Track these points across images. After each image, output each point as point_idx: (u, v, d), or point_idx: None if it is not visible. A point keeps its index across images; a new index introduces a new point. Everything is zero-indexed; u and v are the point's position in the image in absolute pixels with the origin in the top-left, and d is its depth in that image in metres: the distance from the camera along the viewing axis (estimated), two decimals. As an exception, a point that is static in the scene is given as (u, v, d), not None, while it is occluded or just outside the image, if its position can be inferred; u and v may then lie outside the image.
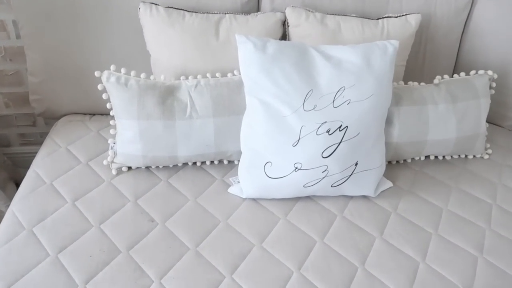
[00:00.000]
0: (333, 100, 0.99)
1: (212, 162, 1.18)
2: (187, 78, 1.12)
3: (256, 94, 1.01)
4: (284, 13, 1.24)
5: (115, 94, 1.05)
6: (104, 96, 1.08)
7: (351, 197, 1.10)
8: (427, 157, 1.25)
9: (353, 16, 1.25)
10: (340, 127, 0.99)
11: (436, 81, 1.21)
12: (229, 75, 1.13)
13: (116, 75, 1.05)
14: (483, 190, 1.15)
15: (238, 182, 1.10)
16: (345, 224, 1.02)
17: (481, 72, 1.23)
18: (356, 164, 1.02)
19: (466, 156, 1.27)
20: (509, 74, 1.38)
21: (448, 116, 1.15)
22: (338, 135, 0.99)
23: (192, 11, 1.19)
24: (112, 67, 1.06)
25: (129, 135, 1.06)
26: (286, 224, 1.01)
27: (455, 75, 1.24)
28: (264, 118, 1.00)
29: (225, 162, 1.18)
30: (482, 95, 1.19)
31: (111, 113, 1.11)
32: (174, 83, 1.10)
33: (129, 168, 1.14)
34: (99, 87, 1.06)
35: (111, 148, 1.13)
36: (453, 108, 1.15)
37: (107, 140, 1.23)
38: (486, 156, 1.27)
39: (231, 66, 1.17)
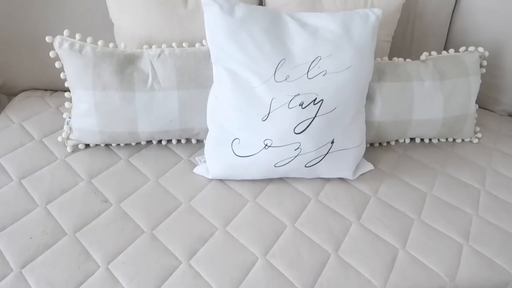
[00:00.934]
0: (308, 71, 0.90)
1: (179, 141, 1.08)
2: (150, 47, 1.02)
3: (223, 62, 0.91)
4: (260, -20, 1.14)
5: (69, 62, 0.95)
6: (57, 64, 0.97)
7: (328, 179, 1.00)
8: (412, 140, 1.16)
9: (335, -14, 1.15)
10: (314, 100, 0.90)
11: (423, 57, 1.12)
12: (197, 45, 1.03)
13: (70, 41, 0.95)
14: (471, 175, 1.07)
15: (204, 161, 1.01)
16: (320, 208, 0.93)
17: (471, 48, 1.14)
18: (333, 142, 0.93)
19: (454, 139, 1.18)
20: (502, 55, 1.29)
21: (435, 93, 1.06)
22: (313, 109, 0.90)
23: (159, -24, 1.09)
24: (66, 32, 0.96)
25: (84, 108, 0.96)
26: (254, 207, 0.92)
27: (444, 52, 1.15)
28: (231, 89, 0.91)
29: (193, 141, 1.08)
30: (472, 73, 1.10)
31: (66, 84, 1.01)
32: (135, 51, 1.00)
33: (87, 145, 1.04)
34: (51, 54, 0.96)
35: (67, 124, 1.03)
36: (440, 86, 1.06)
37: (65, 117, 1.13)
38: (476, 140, 1.19)
39: (201, 36, 1.07)
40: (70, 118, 1.02)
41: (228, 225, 0.87)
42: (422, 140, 1.16)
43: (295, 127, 0.89)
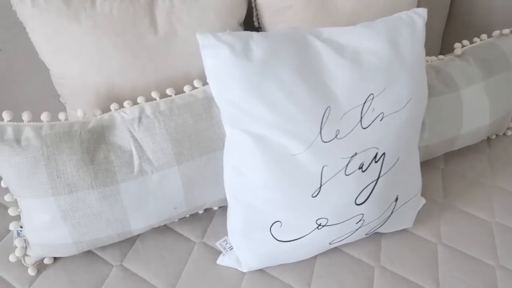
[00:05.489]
0: (361, 118, 0.66)
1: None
2: (121, 107, 0.70)
3: (243, 125, 0.64)
4: (247, -24, 0.83)
5: (1, 160, 0.61)
6: (-18, 164, 0.63)
7: (382, 232, 0.81)
8: (447, 147, 1.00)
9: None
10: (375, 156, 0.67)
11: (458, 51, 0.92)
12: (186, 89, 0.73)
13: (-5, 126, 0.60)
14: (523, 183, 0.93)
15: (231, 248, 0.76)
16: (389, 280, 0.74)
17: (505, 31, 0.95)
18: (397, 199, 0.73)
19: (488, 137, 1.03)
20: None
21: (482, 98, 0.87)
22: (375, 168, 0.67)
23: (104, -11, 0.74)
24: (-15, 114, 0.61)
25: (46, 219, 0.65)
26: (313, 300, 0.71)
27: (475, 39, 0.96)
28: (262, 161, 0.64)
29: (200, 211, 0.82)
30: (513, 63, 0.93)
31: (2, 184, 0.67)
32: (102, 119, 0.67)
33: (56, 257, 0.73)
34: (-30, 151, 0.61)
35: (18, 235, 0.71)
36: (486, 87, 0.88)
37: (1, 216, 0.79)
38: (509, 133, 1.05)
39: (185, 71, 0.76)
40: (21, 228, 0.70)
41: None
42: (457, 145, 1.00)
43: (357, 197, 0.67)
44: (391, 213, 0.73)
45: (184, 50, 0.75)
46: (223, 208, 0.83)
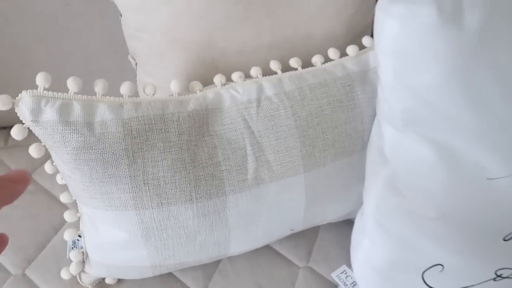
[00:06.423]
0: None
1: (278, 228, 0.61)
2: (227, 81, 0.49)
3: (425, 128, 0.42)
4: None
5: (64, 153, 0.40)
6: (34, 152, 0.42)
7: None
8: None
9: None
10: None
11: None
12: (317, 60, 0.51)
13: (58, 100, 0.39)
14: None
15: (353, 284, 0.56)
16: None
17: None
18: None
19: None
20: None
21: None
22: None
23: None
24: (42, 78, 0.39)
25: (120, 237, 0.45)
26: None
27: None
28: (443, 184, 0.43)
29: (303, 224, 0.62)
30: None
31: (58, 179, 0.47)
32: (205, 98, 0.46)
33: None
34: (15, 133, 0.40)
35: (74, 246, 0.52)
36: None
37: (52, 196, 0.60)
38: None
39: (307, 33, 0.54)
40: (79, 238, 0.51)
41: None
42: None
43: None
44: None
45: (310, 2, 0.53)
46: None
